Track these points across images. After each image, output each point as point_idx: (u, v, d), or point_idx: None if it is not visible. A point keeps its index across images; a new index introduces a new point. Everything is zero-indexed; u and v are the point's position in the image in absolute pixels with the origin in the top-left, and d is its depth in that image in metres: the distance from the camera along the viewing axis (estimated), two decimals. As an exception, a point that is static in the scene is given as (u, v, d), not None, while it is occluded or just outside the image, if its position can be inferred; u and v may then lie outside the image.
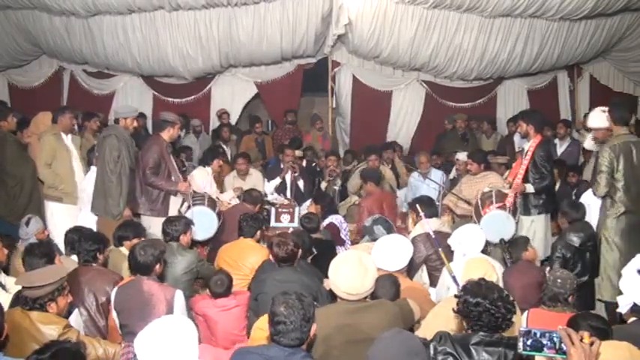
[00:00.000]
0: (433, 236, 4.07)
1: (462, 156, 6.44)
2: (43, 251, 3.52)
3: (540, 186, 4.78)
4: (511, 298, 2.45)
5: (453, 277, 3.63)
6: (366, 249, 4.09)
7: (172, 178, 5.04)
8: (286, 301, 2.34)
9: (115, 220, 4.94)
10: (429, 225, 4.11)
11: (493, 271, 3.22)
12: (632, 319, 2.92)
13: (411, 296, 3.27)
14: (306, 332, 2.34)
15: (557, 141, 7.22)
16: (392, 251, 3.63)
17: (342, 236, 5.40)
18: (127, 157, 5.05)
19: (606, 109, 4.40)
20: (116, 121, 5.24)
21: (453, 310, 2.46)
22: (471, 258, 3.57)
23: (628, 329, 2.85)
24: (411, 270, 4.12)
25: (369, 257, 3.00)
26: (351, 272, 2.77)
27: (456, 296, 2.47)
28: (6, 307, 2.96)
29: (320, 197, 5.78)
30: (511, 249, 4.18)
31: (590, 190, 4.59)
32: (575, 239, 4.12)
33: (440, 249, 3.89)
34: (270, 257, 3.74)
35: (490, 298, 2.33)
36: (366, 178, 5.93)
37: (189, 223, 4.19)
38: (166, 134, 5.11)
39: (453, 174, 6.97)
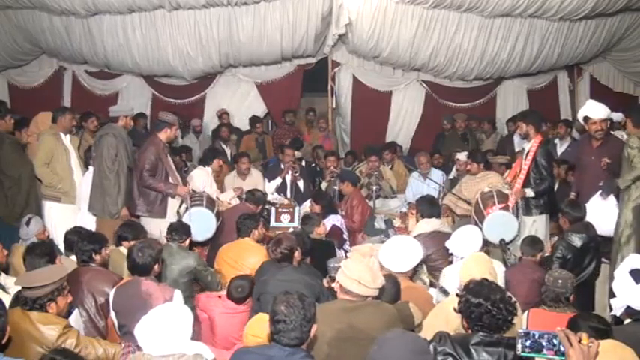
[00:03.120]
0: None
1: (462, 156, 6.44)
2: (44, 251, 3.52)
3: (539, 189, 4.79)
4: (513, 299, 2.45)
5: (441, 289, 3.67)
6: (370, 250, 4.11)
7: (170, 179, 5.01)
8: (287, 300, 2.36)
9: (114, 219, 4.95)
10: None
11: (493, 267, 3.25)
12: (628, 320, 2.93)
13: (411, 296, 3.28)
14: (306, 332, 2.35)
15: (557, 141, 7.22)
16: (401, 253, 3.63)
17: (344, 237, 5.41)
18: (125, 155, 5.05)
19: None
20: (113, 119, 5.23)
21: (454, 309, 2.46)
22: (471, 254, 3.57)
23: (628, 329, 2.86)
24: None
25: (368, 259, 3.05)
26: (363, 265, 2.87)
27: (457, 295, 2.48)
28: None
29: (319, 197, 5.80)
30: (523, 246, 4.16)
31: (596, 196, 4.59)
32: (576, 240, 4.12)
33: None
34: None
35: (492, 299, 2.33)
36: (343, 178, 6.06)
37: (188, 230, 4.22)
38: (163, 135, 5.07)
39: (453, 174, 6.96)
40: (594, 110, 4.75)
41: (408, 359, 2.15)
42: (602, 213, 4.46)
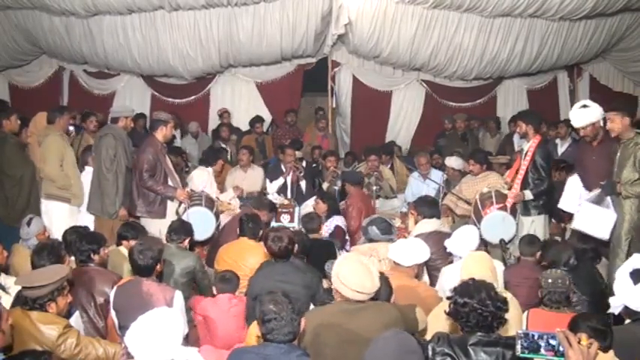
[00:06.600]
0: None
1: (449, 161, 6.39)
2: (52, 252, 3.48)
3: (538, 190, 4.79)
4: (504, 296, 2.44)
5: None
6: (369, 250, 4.11)
7: (169, 179, 5.02)
8: (274, 298, 2.42)
9: (112, 219, 4.95)
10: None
11: (493, 266, 3.25)
12: (628, 320, 2.94)
13: (414, 295, 3.31)
14: (297, 326, 2.41)
15: (558, 141, 7.23)
16: (411, 247, 3.69)
17: (347, 237, 5.40)
18: (124, 155, 5.05)
19: (586, 102, 4.55)
20: (113, 120, 5.22)
21: (445, 312, 2.47)
22: (471, 253, 3.58)
23: (628, 329, 2.86)
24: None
25: (367, 259, 3.04)
26: (359, 271, 2.76)
27: (447, 298, 2.49)
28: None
29: (326, 195, 5.82)
30: (522, 246, 4.15)
31: (592, 195, 4.55)
32: (578, 244, 4.11)
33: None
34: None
35: (477, 297, 2.33)
36: (345, 179, 6.07)
37: (188, 230, 4.21)
38: (160, 134, 5.06)
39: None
40: (573, 118, 4.59)
41: (397, 358, 2.15)
42: (597, 217, 4.38)
